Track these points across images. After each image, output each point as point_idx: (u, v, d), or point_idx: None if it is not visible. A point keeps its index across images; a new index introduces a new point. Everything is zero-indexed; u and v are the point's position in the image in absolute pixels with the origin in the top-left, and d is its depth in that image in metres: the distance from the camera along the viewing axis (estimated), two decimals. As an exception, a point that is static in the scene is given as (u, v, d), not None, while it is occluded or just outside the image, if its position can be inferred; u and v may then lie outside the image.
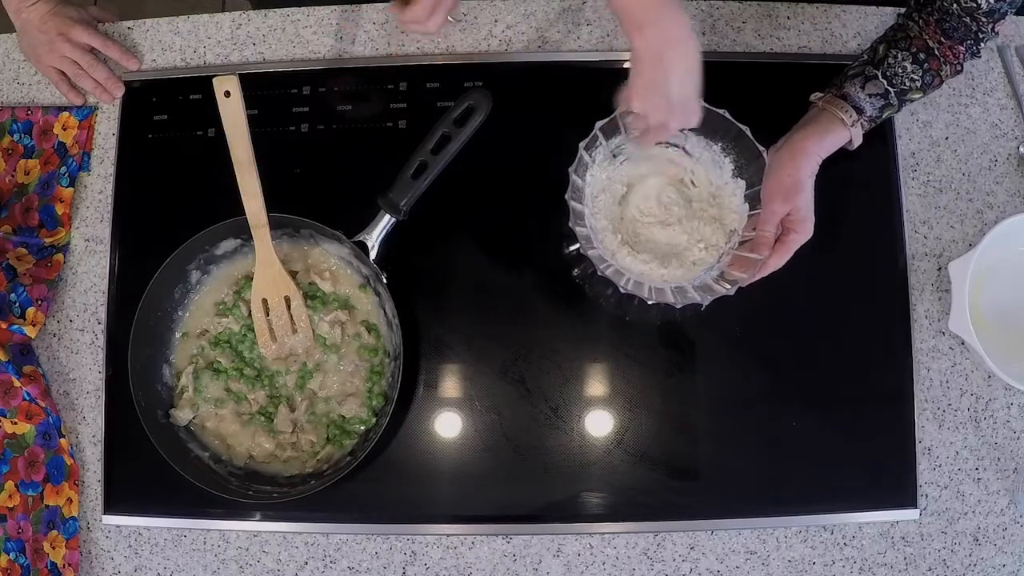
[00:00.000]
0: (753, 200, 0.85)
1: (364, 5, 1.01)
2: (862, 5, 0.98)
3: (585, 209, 0.86)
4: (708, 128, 0.86)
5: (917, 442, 0.88)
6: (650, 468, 0.88)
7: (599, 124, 0.84)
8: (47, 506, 0.90)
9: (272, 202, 0.85)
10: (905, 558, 0.87)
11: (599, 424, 0.89)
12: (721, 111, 0.84)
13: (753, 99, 0.86)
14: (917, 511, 0.87)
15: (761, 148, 0.84)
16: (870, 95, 0.83)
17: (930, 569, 0.87)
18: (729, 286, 0.82)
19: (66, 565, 0.88)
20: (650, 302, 0.83)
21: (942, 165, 0.95)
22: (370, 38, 1.00)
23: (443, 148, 0.85)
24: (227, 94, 0.81)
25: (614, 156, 0.89)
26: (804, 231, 0.81)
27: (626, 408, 0.90)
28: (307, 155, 0.96)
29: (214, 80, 0.81)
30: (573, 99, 0.96)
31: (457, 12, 0.97)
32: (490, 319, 0.92)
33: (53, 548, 0.89)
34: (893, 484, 0.88)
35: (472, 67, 0.97)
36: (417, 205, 0.87)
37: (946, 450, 0.89)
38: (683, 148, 0.89)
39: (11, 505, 0.90)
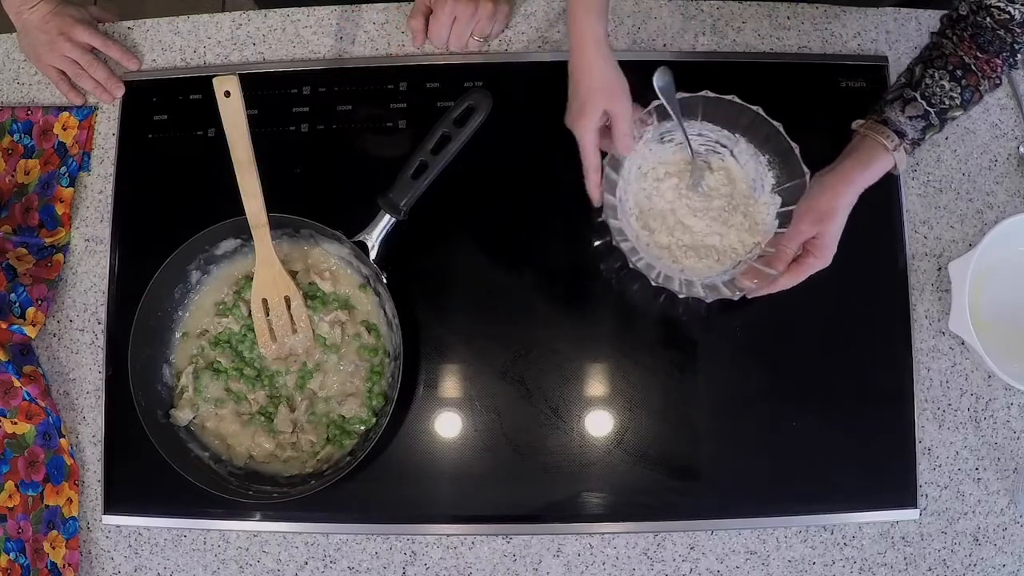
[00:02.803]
0: (784, 219, 0.86)
1: (364, 5, 1.01)
2: (862, 6, 0.98)
3: (618, 201, 0.86)
4: (759, 137, 0.86)
5: (917, 442, 0.88)
6: (650, 468, 0.88)
7: (654, 104, 0.85)
8: (47, 506, 0.90)
9: (272, 202, 0.85)
10: (905, 558, 0.87)
11: (599, 424, 0.89)
12: (777, 124, 0.84)
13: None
14: (917, 511, 0.87)
15: (806, 169, 0.84)
16: (910, 117, 0.82)
17: (930, 569, 0.87)
18: (735, 292, 0.83)
19: (66, 565, 0.88)
20: (680, 295, 0.83)
21: (942, 165, 0.95)
22: (370, 38, 1.00)
23: (443, 148, 0.85)
24: (227, 94, 0.81)
25: (662, 140, 0.89)
26: (823, 258, 0.82)
27: (626, 408, 0.90)
28: (307, 155, 0.96)
29: (214, 80, 0.81)
30: (573, 99, 0.97)
31: (484, 30, 0.96)
32: (490, 319, 0.92)
33: (53, 548, 0.89)
34: (893, 484, 0.88)
35: (472, 67, 0.97)
36: (417, 205, 0.87)
37: (946, 450, 0.89)
38: (731, 152, 0.89)
39: (11, 505, 0.90)
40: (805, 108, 0.89)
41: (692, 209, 0.89)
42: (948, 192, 0.94)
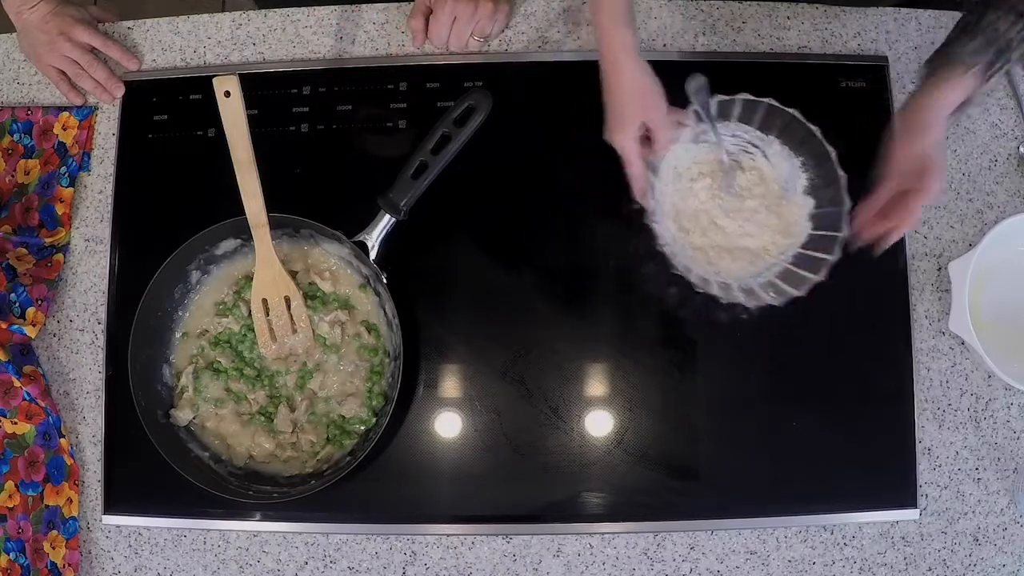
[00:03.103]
0: (818, 221, 0.85)
1: (364, 5, 1.01)
2: (862, 6, 0.98)
3: (656, 203, 0.85)
4: (795, 140, 0.86)
5: (917, 442, 0.88)
6: (650, 468, 0.88)
7: (692, 107, 0.85)
8: (47, 506, 0.90)
9: (272, 202, 0.85)
10: (905, 558, 0.87)
11: (599, 424, 0.89)
12: (814, 127, 0.84)
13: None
14: (917, 511, 0.87)
15: (841, 173, 0.83)
16: (974, 51, 0.77)
17: (930, 569, 0.87)
18: (776, 295, 0.82)
19: (66, 565, 0.88)
20: (723, 302, 0.83)
21: (942, 165, 0.95)
22: (370, 38, 1.00)
23: (443, 148, 0.85)
24: (227, 94, 0.81)
25: (696, 140, 0.89)
26: (927, 188, 0.75)
27: (626, 408, 0.90)
28: (307, 155, 0.96)
29: (214, 80, 0.81)
30: (573, 99, 0.96)
31: (484, 29, 0.96)
32: (490, 319, 0.92)
33: (53, 548, 0.89)
34: (893, 484, 0.88)
35: (472, 67, 0.97)
36: (417, 205, 0.87)
37: (946, 450, 0.89)
38: (764, 153, 0.89)
39: (11, 505, 0.90)
40: (805, 108, 0.88)
41: (725, 210, 0.88)
42: (948, 192, 0.94)
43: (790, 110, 0.85)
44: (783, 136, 0.88)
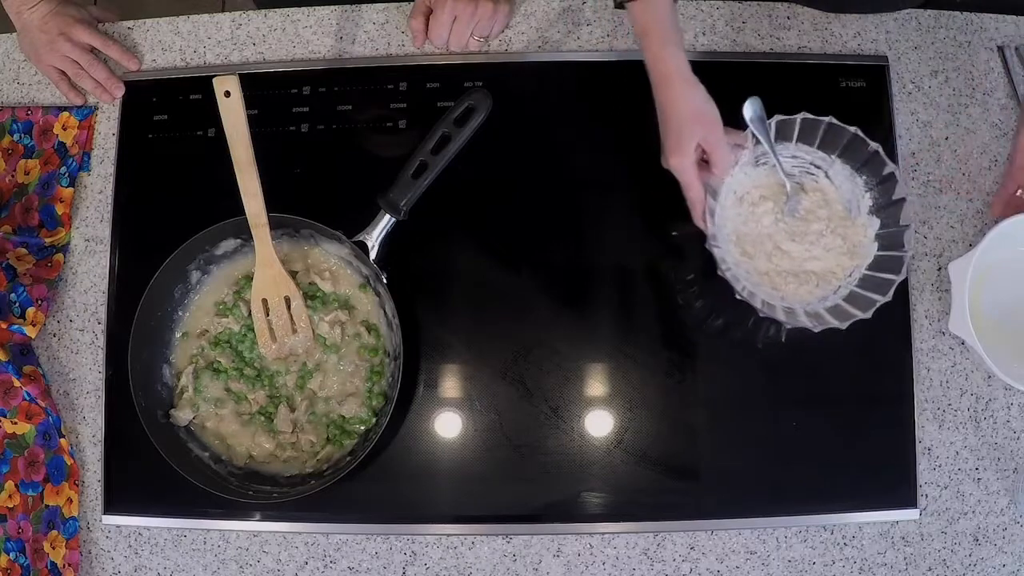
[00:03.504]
0: (883, 242, 0.85)
1: (364, 5, 1.01)
2: (862, 14, 0.98)
3: (717, 228, 0.84)
4: (856, 159, 0.85)
5: (917, 442, 0.88)
6: (650, 468, 0.88)
7: (754, 132, 0.84)
8: (47, 506, 0.90)
9: (272, 202, 0.85)
10: (905, 558, 0.87)
11: (599, 424, 0.89)
12: (876, 146, 0.83)
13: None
14: (917, 511, 0.87)
15: (907, 189, 0.82)
16: None
17: (930, 569, 0.87)
18: (843, 319, 0.81)
19: (66, 565, 0.88)
20: (787, 326, 0.83)
21: (942, 165, 0.95)
22: (370, 38, 1.00)
23: (443, 148, 0.85)
24: (227, 94, 0.81)
25: (756, 163, 0.88)
26: None
27: (626, 408, 0.90)
28: (307, 155, 0.96)
29: (214, 80, 0.81)
30: (573, 99, 0.96)
31: (484, 29, 0.96)
32: (490, 319, 0.92)
33: (53, 548, 0.89)
34: (893, 484, 0.88)
35: (472, 67, 0.97)
36: (417, 205, 0.87)
37: (946, 450, 0.89)
38: (826, 173, 0.88)
39: (11, 505, 0.90)
40: (805, 108, 0.88)
41: (789, 234, 0.87)
42: (948, 192, 0.94)
43: (851, 128, 0.84)
44: (844, 155, 0.86)
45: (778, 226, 0.87)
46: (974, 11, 0.98)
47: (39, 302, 0.93)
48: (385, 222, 0.86)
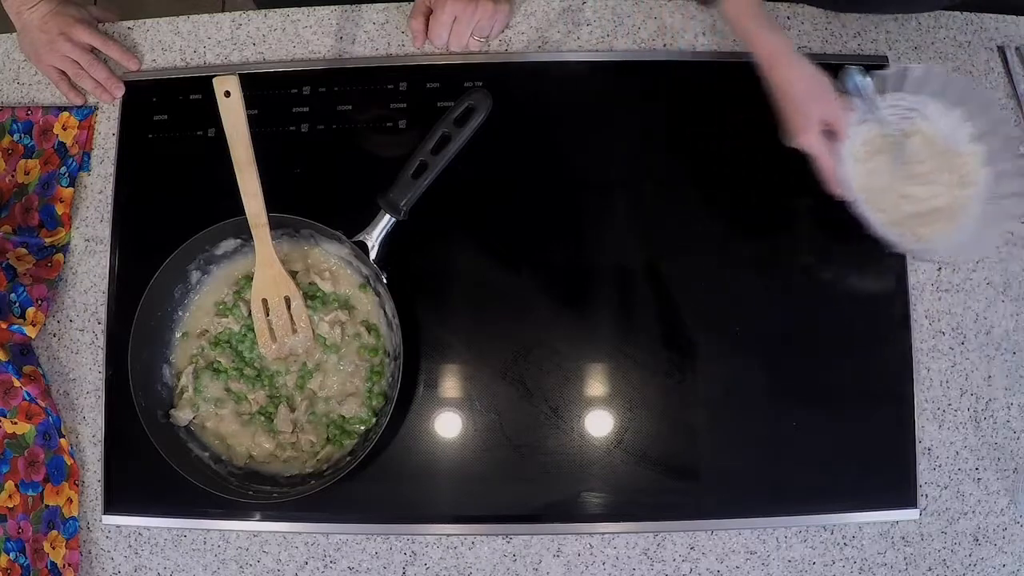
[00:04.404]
0: (994, 159, 0.86)
1: (364, 5, 1.01)
2: (862, 13, 0.98)
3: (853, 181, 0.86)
4: (953, 96, 0.87)
5: (917, 442, 0.88)
6: (650, 468, 0.88)
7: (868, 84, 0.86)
8: (47, 506, 0.90)
9: (272, 202, 0.85)
10: (905, 558, 0.87)
11: (599, 424, 0.89)
12: (968, 78, 0.86)
13: (752, 100, 0.86)
14: (917, 511, 0.87)
15: (1016, 116, 0.85)
16: None
17: (930, 569, 0.87)
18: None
19: (66, 565, 0.88)
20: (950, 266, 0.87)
21: (942, 165, 0.95)
22: (370, 38, 1.00)
23: (443, 148, 0.85)
24: (227, 94, 0.81)
25: (859, 122, 0.89)
26: None
27: (626, 408, 0.90)
28: (307, 155, 0.96)
29: (214, 80, 0.81)
30: (573, 99, 0.96)
31: (484, 29, 0.96)
32: (490, 319, 0.92)
33: (53, 548, 0.89)
34: (893, 484, 0.88)
35: (472, 67, 0.97)
36: (417, 205, 0.87)
37: (946, 450, 0.89)
38: (921, 114, 0.89)
39: (11, 505, 0.90)
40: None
41: (905, 179, 0.89)
42: (948, 192, 0.94)
43: (938, 67, 0.86)
44: (938, 94, 0.88)
45: (895, 174, 0.89)
46: (974, 11, 0.98)
47: (39, 302, 0.93)
48: (385, 222, 0.86)
